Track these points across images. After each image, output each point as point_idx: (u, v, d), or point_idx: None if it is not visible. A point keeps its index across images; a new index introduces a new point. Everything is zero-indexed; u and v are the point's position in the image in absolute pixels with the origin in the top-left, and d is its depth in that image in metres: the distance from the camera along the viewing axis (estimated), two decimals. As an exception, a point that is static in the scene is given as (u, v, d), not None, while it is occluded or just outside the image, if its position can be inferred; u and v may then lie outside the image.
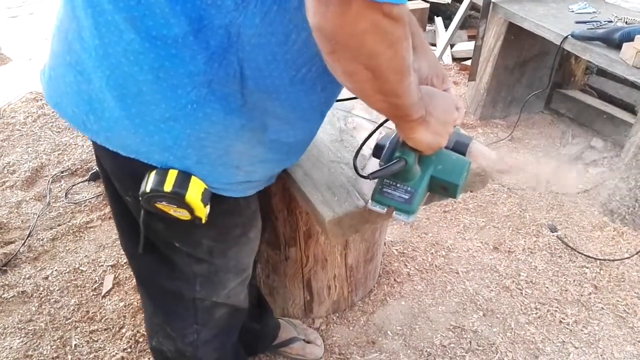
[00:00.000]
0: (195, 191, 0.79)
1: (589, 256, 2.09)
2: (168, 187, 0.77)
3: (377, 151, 0.97)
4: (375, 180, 0.97)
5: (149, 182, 0.78)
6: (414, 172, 0.93)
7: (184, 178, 0.79)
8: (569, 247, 2.14)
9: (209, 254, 0.96)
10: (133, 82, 0.73)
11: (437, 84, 0.99)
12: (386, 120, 0.98)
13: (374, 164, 1.05)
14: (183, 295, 1.01)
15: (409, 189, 0.94)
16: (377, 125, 1.01)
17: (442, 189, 0.97)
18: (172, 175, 0.78)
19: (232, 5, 0.68)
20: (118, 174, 0.89)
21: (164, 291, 1.02)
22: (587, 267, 2.05)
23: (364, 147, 1.00)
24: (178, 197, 0.78)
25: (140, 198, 0.81)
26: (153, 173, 0.79)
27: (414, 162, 0.91)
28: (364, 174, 0.95)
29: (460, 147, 1.01)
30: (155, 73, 0.72)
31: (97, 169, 2.48)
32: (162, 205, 0.81)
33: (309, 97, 0.84)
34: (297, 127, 0.88)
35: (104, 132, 0.80)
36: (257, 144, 0.84)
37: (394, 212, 0.95)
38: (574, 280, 1.99)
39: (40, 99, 3.28)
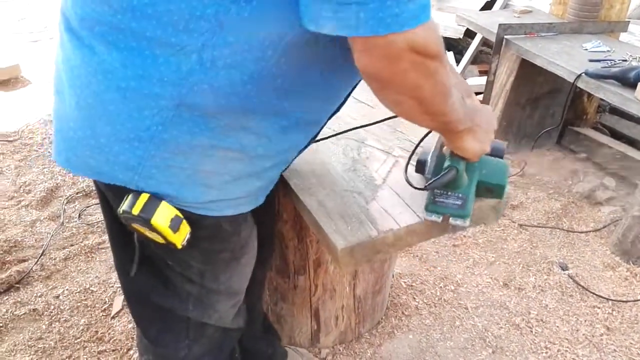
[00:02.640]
0: (162, 217, 0.79)
1: (600, 296, 2.07)
2: (136, 210, 0.78)
3: (420, 166, 1.08)
4: (424, 193, 1.06)
5: (123, 204, 0.80)
6: (463, 179, 1.01)
7: (152, 203, 0.79)
8: (581, 286, 2.12)
9: (199, 276, 0.97)
10: (100, 101, 0.75)
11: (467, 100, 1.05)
12: (427, 135, 1.12)
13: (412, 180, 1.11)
14: (175, 313, 1.02)
15: (460, 195, 1.01)
16: (421, 139, 1.13)
17: (488, 191, 1.08)
18: (143, 199, 0.79)
19: (206, 26, 0.69)
20: (110, 194, 0.91)
21: (156, 308, 1.02)
22: (599, 308, 2.02)
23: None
24: (144, 222, 0.79)
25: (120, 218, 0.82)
26: (130, 195, 0.81)
27: (463, 170, 0.99)
28: (419, 187, 1.03)
29: (497, 152, 1.11)
30: (123, 93, 0.74)
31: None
32: (138, 227, 0.82)
33: (289, 112, 0.84)
34: (276, 140, 0.87)
35: (65, 152, 0.82)
36: (230, 162, 0.83)
37: (450, 219, 1.02)
38: (585, 321, 1.96)
39: (60, 121, 3.35)
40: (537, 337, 1.88)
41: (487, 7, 4.12)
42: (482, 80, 3.88)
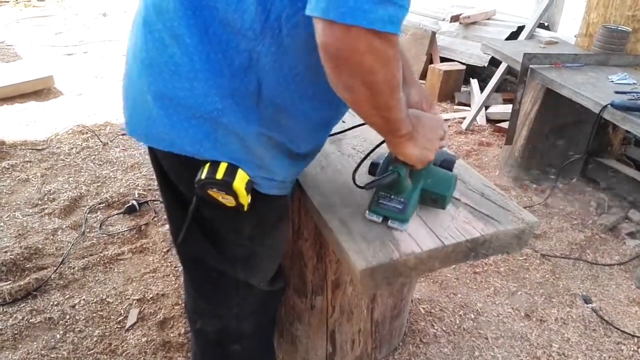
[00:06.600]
0: (240, 181, 0.92)
1: (625, 332, 2.00)
2: (219, 175, 0.91)
3: (372, 168, 1.15)
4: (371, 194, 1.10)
5: (204, 172, 0.92)
6: (406, 185, 1.05)
7: (232, 169, 0.92)
8: (604, 320, 2.06)
9: (249, 239, 1.08)
10: (172, 88, 0.88)
11: (425, 108, 1.12)
12: (382, 142, 1.06)
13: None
14: (227, 275, 1.13)
15: (402, 199, 1.05)
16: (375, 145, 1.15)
17: (432, 200, 1.10)
18: (223, 166, 0.92)
19: (252, 36, 0.83)
20: (175, 169, 1.03)
21: (210, 271, 1.13)
22: (624, 344, 1.96)
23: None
24: (227, 184, 0.91)
25: (195, 185, 0.93)
26: (208, 165, 0.92)
27: (406, 176, 1.03)
28: (360, 185, 1.08)
29: (447, 164, 1.15)
30: (191, 82, 0.86)
31: (133, 202, 2.53)
32: (213, 192, 0.93)
33: (316, 114, 0.97)
34: (306, 139, 1.01)
35: (143, 129, 0.94)
36: (272, 149, 0.96)
37: (389, 222, 1.06)
38: (609, 357, 1.90)
39: (86, 132, 3.42)
40: (559, 371, 1.82)
41: (513, 37, 4.13)
42: (505, 107, 3.87)
